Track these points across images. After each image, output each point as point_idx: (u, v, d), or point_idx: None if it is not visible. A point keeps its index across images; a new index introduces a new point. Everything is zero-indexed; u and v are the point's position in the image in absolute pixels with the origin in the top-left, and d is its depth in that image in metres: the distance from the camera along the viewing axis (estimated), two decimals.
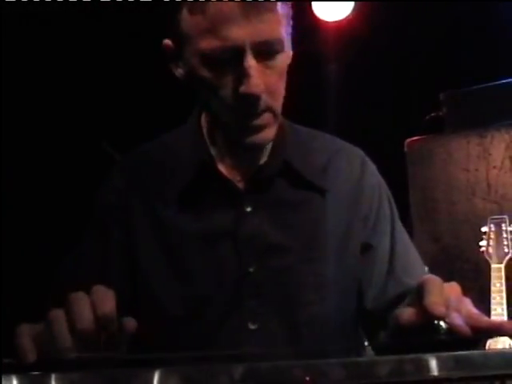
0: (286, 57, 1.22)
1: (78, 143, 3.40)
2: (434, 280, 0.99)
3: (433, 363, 0.72)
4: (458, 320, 0.93)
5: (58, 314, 0.90)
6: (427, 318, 0.94)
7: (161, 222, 1.27)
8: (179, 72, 1.24)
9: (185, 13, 1.17)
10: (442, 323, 0.93)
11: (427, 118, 3.46)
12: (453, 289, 1.01)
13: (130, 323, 0.92)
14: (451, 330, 0.92)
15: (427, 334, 0.93)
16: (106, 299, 0.91)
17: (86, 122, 3.47)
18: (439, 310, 0.93)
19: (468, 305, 0.99)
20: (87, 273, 1.28)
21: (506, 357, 0.75)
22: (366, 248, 1.31)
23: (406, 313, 0.99)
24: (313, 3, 3.84)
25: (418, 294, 0.98)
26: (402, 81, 3.78)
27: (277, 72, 1.19)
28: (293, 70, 1.26)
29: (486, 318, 0.96)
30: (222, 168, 1.28)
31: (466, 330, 0.92)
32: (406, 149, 3.39)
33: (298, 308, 1.23)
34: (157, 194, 1.29)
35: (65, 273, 1.32)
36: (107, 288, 0.93)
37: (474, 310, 0.98)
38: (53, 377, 0.72)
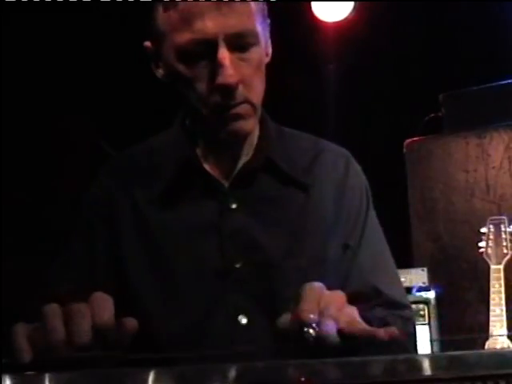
0: (261, 51, 1.23)
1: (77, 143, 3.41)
2: (311, 287, 0.99)
3: (426, 363, 0.73)
4: (325, 327, 0.93)
5: (53, 308, 0.91)
6: (298, 324, 0.95)
7: (146, 221, 1.28)
8: (160, 72, 1.27)
9: (159, 10, 1.20)
10: (310, 330, 0.93)
11: (426, 118, 3.47)
12: (334, 297, 1.01)
13: (131, 323, 0.92)
14: (319, 336, 0.93)
15: (295, 340, 0.94)
16: (105, 307, 0.92)
17: (87, 123, 3.47)
18: (307, 316, 0.94)
19: (350, 313, 0.98)
20: (74, 273, 1.29)
21: (500, 357, 0.75)
22: (346, 248, 1.31)
23: (283, 318, 1.00)
24: (312, 4, 3.84)
25: (295, 300, 0.98)
26: (401, 81, 3.78)
27: (252, 65, 1.20)
28: (293, 70, 1.26)
29: (361, 326, 0.96)
30: (206, 165, 1.29)
31: (332, 337, 0.93)
32: (405, 149, 3.40)
33: (283, 303, 1.24)
34: (142, 193, 1.30)
35: (53, 273, 1.33)
36: (106, 295, 0.94)
37: (354, 318, 0.98)
38: (47, 377, 0.72)
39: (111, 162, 1.43)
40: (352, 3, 3.81)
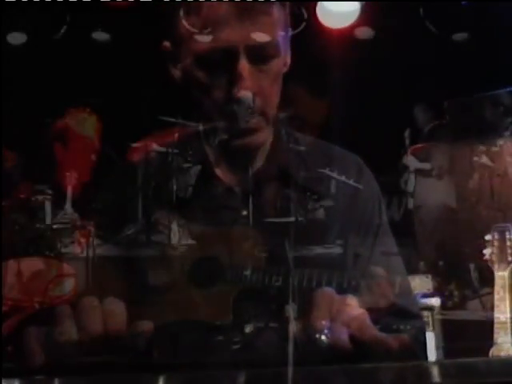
0: (281, 62, 1.23)
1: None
2: (322, 294, 1.00)
3: (435, 370, 0.73)
4: (337, 334, 0.94)
5: (64, 309, 0.92)
6: (310, 331, 0.95)
7: (157, 225, 1.28)
8: (176, 73, 1.27)
9: (181, 14, 1.20)
10: (323, 337, 0.94)
11: (431, 125, 3.47)
12: (346, 302, 1.01)
13: (147, 326, 0.93)
14: (331, 343, 0.94)
15: (309, 346, 0.94)
16: (117, 312, 0.92)
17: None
18: (320, 323, 0.94)
19: (361, 318, 0.99)
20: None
21: (509, 364, 0.75)
22: (357, 257, 1.31)
23: (294, 325, 1.00)
24: (317, 11, 3.84)
25: (306, 306, 0.99)
26: (406, 89, 3.78)
27: (270, 76, 1.20)
28: (297, 77, 1.26)
29: (372, 332, 0.96)
30: (219, 172, 1.29)
31: (344, 343, 0.93)
32: (409, 156, 3.40)
33: (291, 312, 1.24)
34: (155, 197, 1.30)
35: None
36: (117, 300, 0.95)
37: (366, 324, 0.98)
38: (56, 381, 0.73)
39: (124, 164, 1.43)
40: (357, 12, 3.81)
